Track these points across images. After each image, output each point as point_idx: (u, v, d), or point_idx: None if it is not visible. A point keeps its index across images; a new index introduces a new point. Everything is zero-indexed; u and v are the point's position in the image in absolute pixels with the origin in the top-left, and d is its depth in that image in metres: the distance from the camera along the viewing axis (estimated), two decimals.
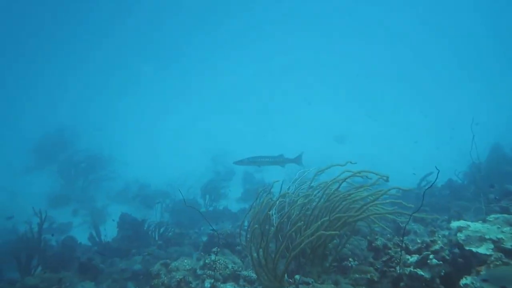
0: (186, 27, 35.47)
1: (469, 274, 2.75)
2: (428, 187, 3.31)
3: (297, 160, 7.51)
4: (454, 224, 3.30)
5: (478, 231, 3.00)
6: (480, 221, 3.28)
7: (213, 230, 4.93)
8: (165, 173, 14.75)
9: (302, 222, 2.86)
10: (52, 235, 5.98)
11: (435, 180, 2.65)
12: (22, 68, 30.27)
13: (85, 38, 33.54)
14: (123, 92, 28.75)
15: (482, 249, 2.85)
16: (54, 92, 28.15)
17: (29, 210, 6.50)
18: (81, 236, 8.39)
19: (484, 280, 2.53)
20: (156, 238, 7.70)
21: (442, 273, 2.88)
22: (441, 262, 2.92)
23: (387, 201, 3.26)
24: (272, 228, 3.24)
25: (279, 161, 7.32)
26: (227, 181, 13.08)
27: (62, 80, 29.84)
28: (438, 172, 2.53)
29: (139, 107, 26.29)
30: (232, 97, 26.24)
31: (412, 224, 5.70)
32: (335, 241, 3.83)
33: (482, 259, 2.84)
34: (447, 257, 2.98)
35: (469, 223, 3.16)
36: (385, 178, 3.40)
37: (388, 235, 4.39)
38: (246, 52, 33.62)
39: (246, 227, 3.96)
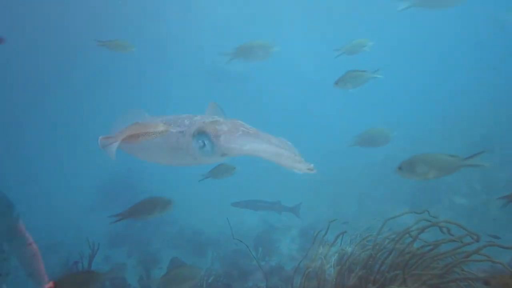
0: None
1: None
2: None
3: (295, 209, 6.87)
4: None
5: None
6: None
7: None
8: (218, 221, 14.57)
9: (364, 271, 2.31)
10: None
11: None
12: (95, 110, 31.83)
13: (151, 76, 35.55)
14: None
15: None
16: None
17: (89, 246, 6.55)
18: (133, 278, 8.37)
19: None
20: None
21: None
22: None
23: (477, 259, 2.56)
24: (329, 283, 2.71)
25: (276, 208, 6.81)
26: (281, 235, 12.47)
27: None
28: None
29: None
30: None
31: None
32: None
33: None
34: None
35: None
36: (475, 236, 2.75)
37: None
38: None
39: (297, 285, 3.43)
